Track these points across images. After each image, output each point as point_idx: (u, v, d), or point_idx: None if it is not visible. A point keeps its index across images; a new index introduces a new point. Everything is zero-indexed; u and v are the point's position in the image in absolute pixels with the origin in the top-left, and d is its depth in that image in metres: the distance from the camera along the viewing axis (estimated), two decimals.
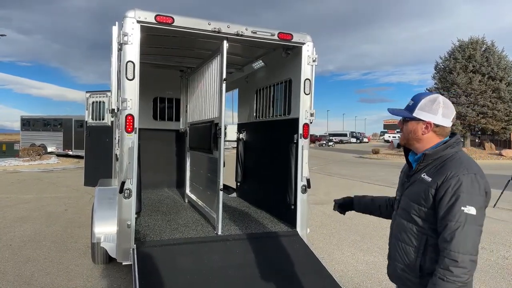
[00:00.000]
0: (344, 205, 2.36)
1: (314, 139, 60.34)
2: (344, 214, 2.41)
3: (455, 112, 1.84)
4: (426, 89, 32.43)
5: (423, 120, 1.80)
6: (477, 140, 34.75)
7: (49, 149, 24.81)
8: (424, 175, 1.79)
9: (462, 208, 1.63)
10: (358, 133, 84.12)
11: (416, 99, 1.84)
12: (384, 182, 14.11)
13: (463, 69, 29.77)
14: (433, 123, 1.79)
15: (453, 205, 1.64)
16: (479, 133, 35.07)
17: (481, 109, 29.27)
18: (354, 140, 73.70)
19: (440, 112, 1.79)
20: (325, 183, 14.03)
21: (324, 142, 56.93)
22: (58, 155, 23.54)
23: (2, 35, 28.75)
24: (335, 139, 65.29)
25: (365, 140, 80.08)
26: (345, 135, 74.53)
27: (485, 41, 30.89)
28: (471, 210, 1.62)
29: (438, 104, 1.79)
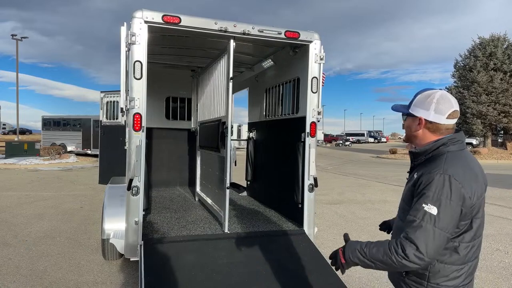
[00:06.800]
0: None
1: (330, 139, 59.92)
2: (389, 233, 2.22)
3: (454, 109, 1.69)
4: (446, 87, 31.79)
5: (416, 116, 1.75)
6: (499, 140, 33.83)
7: (69, 148, 25.47)
8: (415, 174, 1.74)
9: (423, 205, 1.55)
10: (376, 132, 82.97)
11: (415, 95, 1.80)
12: (400, 182, 13.88)
13: (483, 67, 28.98)
14: (425, 119, 1.73)
15: (417, 201, 1.59)
16: (501, 132, 34.12)
17: (503, 108, 28.47)
18: (371, 140, 72.81)
19: (432, 108, 1.70)
20: (339, 183, 13.92)
21: (341, 141, 56.48)
22: (77, 154, 24.07)
23: (24, 38, 29.57)
24: (352, 138, 64.70)
25: (383, 140, 78.93)
26: (362, 134, 73.73)
27: (507, 38, 29.98)
28: (432, 209, 1.53)
29: (432, 99, 1.71)
